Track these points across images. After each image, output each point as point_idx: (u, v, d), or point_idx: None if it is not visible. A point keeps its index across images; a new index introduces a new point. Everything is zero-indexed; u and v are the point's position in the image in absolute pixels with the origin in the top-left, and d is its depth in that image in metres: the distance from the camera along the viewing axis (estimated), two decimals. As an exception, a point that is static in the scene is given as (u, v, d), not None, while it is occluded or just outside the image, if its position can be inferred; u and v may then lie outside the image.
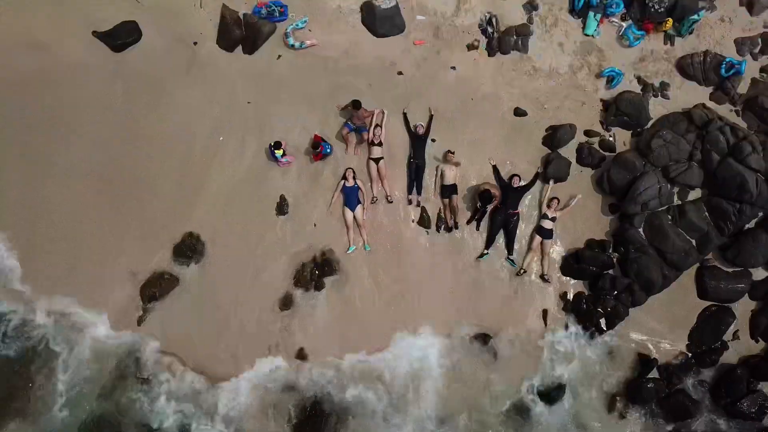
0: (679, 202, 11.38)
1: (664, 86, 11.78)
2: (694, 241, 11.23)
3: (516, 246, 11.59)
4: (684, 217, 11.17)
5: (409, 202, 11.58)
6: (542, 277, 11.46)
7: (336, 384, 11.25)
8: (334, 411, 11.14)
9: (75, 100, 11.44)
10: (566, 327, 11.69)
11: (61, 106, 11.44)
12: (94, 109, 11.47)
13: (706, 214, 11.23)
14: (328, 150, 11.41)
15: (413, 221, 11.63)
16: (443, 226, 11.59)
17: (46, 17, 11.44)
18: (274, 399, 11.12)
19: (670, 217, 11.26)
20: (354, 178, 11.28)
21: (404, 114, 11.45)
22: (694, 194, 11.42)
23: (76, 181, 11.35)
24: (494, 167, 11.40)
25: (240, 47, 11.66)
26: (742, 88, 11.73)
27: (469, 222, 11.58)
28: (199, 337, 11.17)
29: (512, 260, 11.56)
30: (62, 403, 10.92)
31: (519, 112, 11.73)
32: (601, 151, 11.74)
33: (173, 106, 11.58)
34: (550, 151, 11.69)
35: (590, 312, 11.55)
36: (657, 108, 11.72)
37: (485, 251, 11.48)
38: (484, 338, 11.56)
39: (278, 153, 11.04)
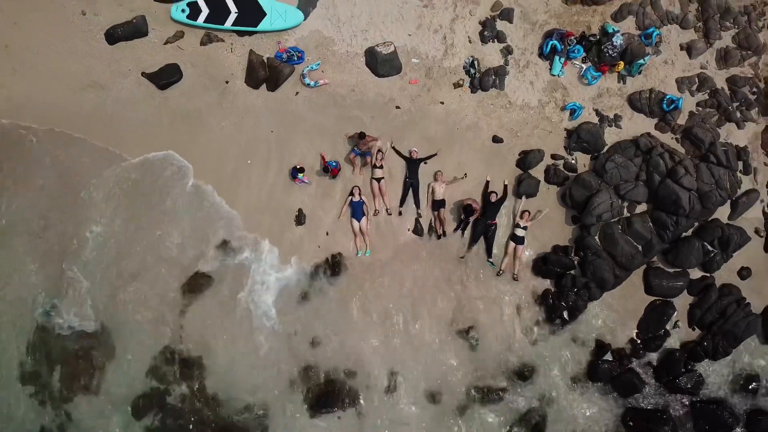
0: (628, 215, 13.48)
1: (617, 118, 13.82)
2: (640, 247, 13.32)
3: (495, 250, 13.76)
4: (631, 227, 13.32)
5: (399, 213, 13.75)
6: (513, 276, 13.69)
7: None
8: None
9: (128, 130, 13.60)
10: (537, 318, 13.94)
11: (116, 135, 13.65)
12: (144, 137, 13.60)
13: (650, 224, 13.33)
14: (335, 164, 13.56)
15: (409, 230, 13.86)
16: (434, 234, 13.86)
17: (104, 62, 13.57)
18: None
19: (620, 227, 13.40)
20: (360, 194, 13.43)
21: (392, 147, 13.60)
22: (641, 208, 13.50)
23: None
24: (487, 182, 13.62)
25: (264, 85, 13.68)
26: (684, 119, 13.92)
27: (455, 230, 13.79)
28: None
29: (492, 262, 13.78)
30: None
31: (496, 140, 13.79)
32: (564, 171, 13.76)
33: (209, 135, 13.68)
34: (522, 172, 13.72)
35: (556, 305, 13.66)
36: (611, 136, 13.76)
37: (466, 252, 13.69)
38: (468, 327, 13.81)
39: (300, 175, 13.32)
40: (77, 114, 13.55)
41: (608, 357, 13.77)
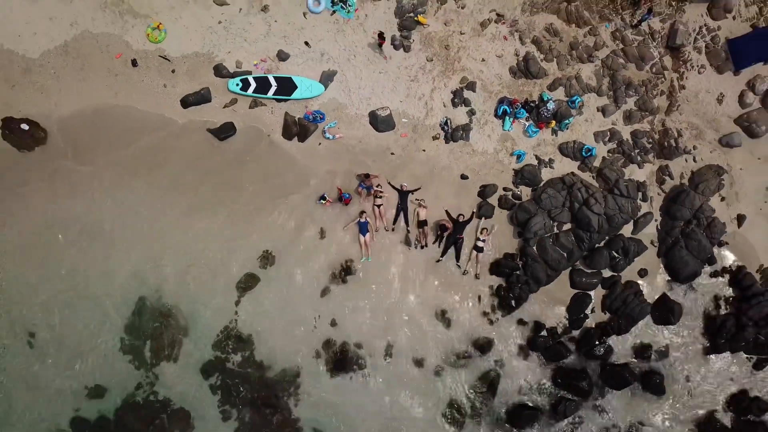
0: (557, 232, 18.60)
1: (551, 161, 18.91)
2: (565, 254, 18.47)
3: (463, 257, 18.99)
4: (559, 240, 18.56)
5: (392, 230, 18.85)
6: (476, 275, 18.94)
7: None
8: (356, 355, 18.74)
9: (199, 171, 18.64)
10: (492, 307, 19.20)
11: (188, 174, 18.78)
12: (209, 176, 18.58)
13: (572, 238, 18.53)
14: (348, 195, 18.77)
15: (401, 242, 19.04)
16: (419, 245, 19.05)
17: (179, 120, 18.75)
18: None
19: (551, 240, 18.60)
20: (365, 216, 18.50)
21: (389, 182, 18.67)
22: (566, 227, 18.61)
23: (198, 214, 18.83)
24: (446, 211, 18.70)
25: (296, 138, 18.66)
26: (598, 162, 19.16)
27: (434, 242, 18.98)
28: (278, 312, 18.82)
29: (459, 265, 18.98)
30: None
31: (463, 177, 18.72)
32: (512, 200, 18.74)
33: (256, 172, 18.67)
34: (482, 200, 18.88)
35: (505, 297, 18.77)
36: (546, 174, 18.83)
37: (440, 258, 18.92)
38: (443, 312, 19.07)
39: (322, 201, 18.49)
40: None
41: (543, 333, 18.94)
